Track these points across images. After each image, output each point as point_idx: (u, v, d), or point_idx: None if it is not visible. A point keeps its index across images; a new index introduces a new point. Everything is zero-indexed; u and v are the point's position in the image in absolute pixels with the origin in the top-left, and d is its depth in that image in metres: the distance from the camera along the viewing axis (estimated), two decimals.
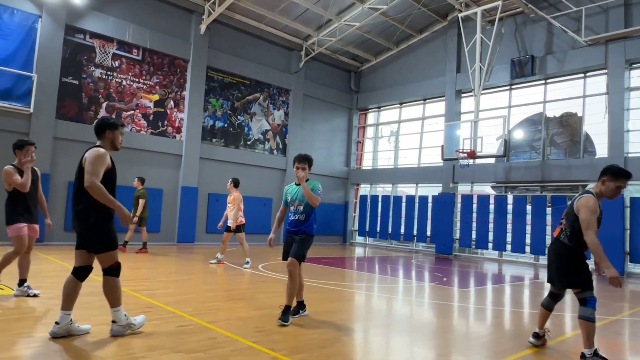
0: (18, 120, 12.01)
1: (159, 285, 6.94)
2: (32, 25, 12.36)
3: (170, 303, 5.66)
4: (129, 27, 14.06)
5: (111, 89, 13.83)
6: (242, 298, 6.38)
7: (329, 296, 7.05)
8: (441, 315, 6.21)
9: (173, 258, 11.11)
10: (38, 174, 5.90)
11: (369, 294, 7.90)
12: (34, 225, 5.72)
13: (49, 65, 12.52)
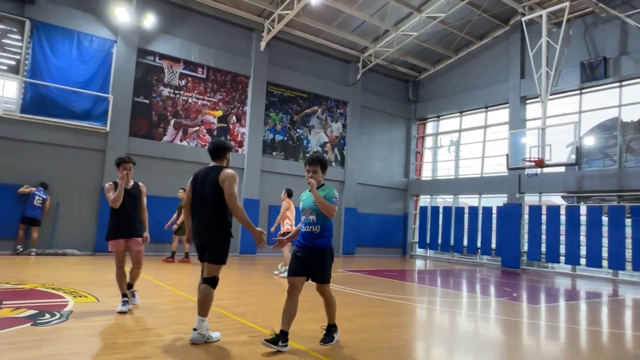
0: (96, 138, 12.92)
1: (227, 296, 7.14)
2: (108, 50, 13.31)
3: (240, 314, 5.80)
4: (195, 48, 14.78)
5: (178, 107, 14.56)
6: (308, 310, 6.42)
7: (393, 310, 6.94)
8: (510, 332, 5.93)
9: (236, 269, 11.41)
10: (141, 189, 5.94)
11: (432, 307, 7.69)
12: (133, 239, 5.64)
13: (123, 87, 13.40)
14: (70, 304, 5.74)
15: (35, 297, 6.05)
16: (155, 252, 12.76)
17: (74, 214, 12.45)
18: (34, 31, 12.23)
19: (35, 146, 12.03)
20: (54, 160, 12.30)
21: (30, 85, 12.11)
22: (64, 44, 12.63)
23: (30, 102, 12.06)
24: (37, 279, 7.57)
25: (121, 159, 5.78)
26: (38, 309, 5.34)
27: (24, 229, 11.48)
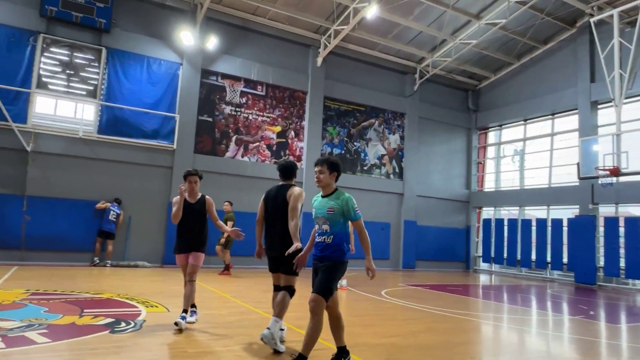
0: (165, 156, 13.64)
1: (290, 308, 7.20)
2: (175, 72, 14.09)
3: (302, 326, 5.84)
4: (254, 66, 15.30)
5: (239, 124, 15.07)
6: (369, 324, 6.36)
7: (459, 326, 6.70)
8: (587, 353, 5.52)
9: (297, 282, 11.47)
10: (207, 202, 5.73)
11: (499, 324, 7.34)
12: (192, 253, 5.52)
13: (189, 106, 14.09)
14: (143, 314, 6.04)
15: (112, 306, 6.42)
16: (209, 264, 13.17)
17: (144, 228, 13.16)
18: (109, 58, 13.20)
19: (110, 164, 12.89)
20: (126, 177, 13.10)
21: (106, 107, 13.04)
22: (135, 68, 13.52)
23: (106, 123, 12.99)
24: (113, 289, 8.04)
25: (187, 172, 5.71)
26: (115, 317, 5.67)
27: (100, 242, 12.27)
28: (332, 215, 4.03)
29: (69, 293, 7.35)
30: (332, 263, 3.97)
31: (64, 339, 4.61)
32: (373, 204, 17.25)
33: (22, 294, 7.04)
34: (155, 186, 13.50)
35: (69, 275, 9.83)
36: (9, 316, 5.37)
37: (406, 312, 7.50)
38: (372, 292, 9.79)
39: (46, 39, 12.50)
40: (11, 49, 12.04)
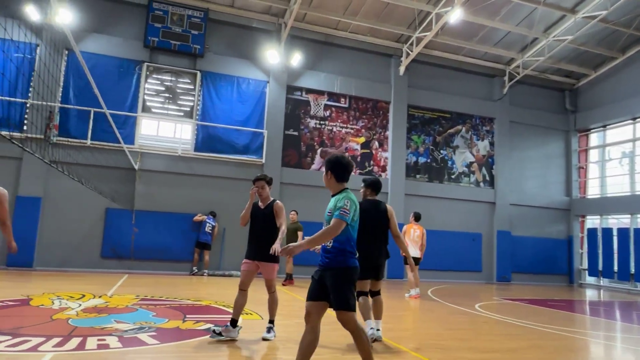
0: (254, 170, 14.23)
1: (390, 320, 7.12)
2: (262, 90, 14.76)
3: (394, 338, 5.74)
4: (337, 80, 15.54)
5: (324, 136, 15.35)
6: (464, 338, 6.08)
7: (565, 344, 6.16)
8: None
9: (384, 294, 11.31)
10: (275, 208, 5.55)
11: (611, 344, 6.63)
12: (263, 264, 5.39)
13: (276, 122, 14.66)
14: (239, 321, 6.31)
15: (211, 313, 6.80)
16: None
17: (237, 239, 13.78)
18: (203, 80, 14.18)
19: (205, 179, 13.74)
20: (220, 191, 13.87)
21: (201, 126, 13.98)
22: (227, 88, 14.38)
23: (201, 141, 13.92)
24: (211, 297, 8.51)
25: (256, 177, 5.60)
26: (214, 323, 5.98)
27: (198, 252, 13.09)
28: (329, 217, 3.60)
29: (172, 299, 7.90)
30: (335, 271, 3.55)
31: (170, 341, 4.96)
32: (462, 214, 16.58)
33: (133, 299, 7.70)
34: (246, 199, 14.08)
35: (171, 283, 10.59)
36: (124, 319, 5.90)
37: (504, 327, 7.07)
38: (464, 305, 9.36)
39: (149, 66, 13.76)
40: (121, 78, 13.40)
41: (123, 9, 13.72)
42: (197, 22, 14.00)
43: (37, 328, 5.20)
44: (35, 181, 12.26)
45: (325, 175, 3.73)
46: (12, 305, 6.61)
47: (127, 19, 13.71)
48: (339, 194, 3.65)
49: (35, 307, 6.58)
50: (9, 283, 9.17)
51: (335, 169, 3.69)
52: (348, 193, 3.62)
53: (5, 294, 7.50)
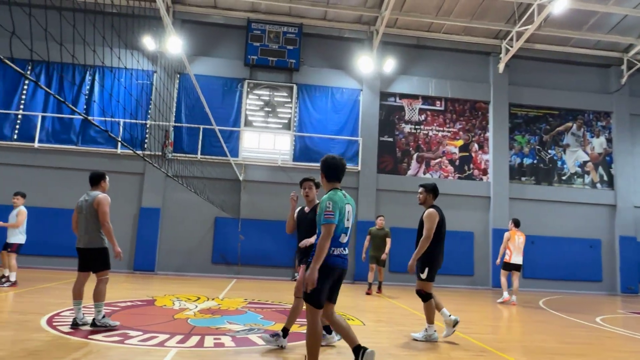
0: (350, 177, 14.43)
1: (486, 330, 6.82)
2: (356, 98, 14.95)
3: (503, 349, 5.45)
4: (431, 83, 15.23)
5: (419, 141, 15.09)
6: (585, 354, 5.57)
7: None
8: None
9: (490, 302, 10.78)
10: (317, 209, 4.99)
11: None
12: (302, 267, 5.13)
13: (370, 129, 14.74)
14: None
15: None
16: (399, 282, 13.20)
17: None
18: (299, 93, 14.75)
19: None
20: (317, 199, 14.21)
21: (299, 137, 14.52)
22: (321, 99, 14.79)
23: (299, 151, 14.45)
24: None
25: (303, 178, 5.44)
26: None
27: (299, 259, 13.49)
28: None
29: (277, 303, 8.27)
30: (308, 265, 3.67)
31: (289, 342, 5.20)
32: (577, 219, 15.22)
33: (242, 302, 8.20)
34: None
35: (274, 287, 11.07)
36: (235, 320, 6.32)
37: (633, 345, 6.35)
38: (584, 319, 8.56)
39: (249, 83, 14.65)
40: (225, 96, 14.44)
41: (225, 32, 14.79)
42: (292, 38, 14.63)
43: (162, 326, 5.77)
44: (155, 194, 13.62)
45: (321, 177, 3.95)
46: (140, 305, 7.40)
47: (228, 41, 14.75)
48: (327, 194, 3.77)
49: (159, 307, 7.31)
50: (136, 285, 10.26)
51: (325, 169, 3.88)
52: (330, 193, 3.75)
53: (134, 295, 8.41)
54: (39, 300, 7.16)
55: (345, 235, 3.81)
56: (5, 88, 13.71)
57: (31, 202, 13.23)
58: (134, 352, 4.45)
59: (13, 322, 5.61)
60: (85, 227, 5.42)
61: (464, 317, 7.95)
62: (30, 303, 6.92)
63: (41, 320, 5.63)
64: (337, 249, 3.73)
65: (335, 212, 3.64)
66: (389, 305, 8.97)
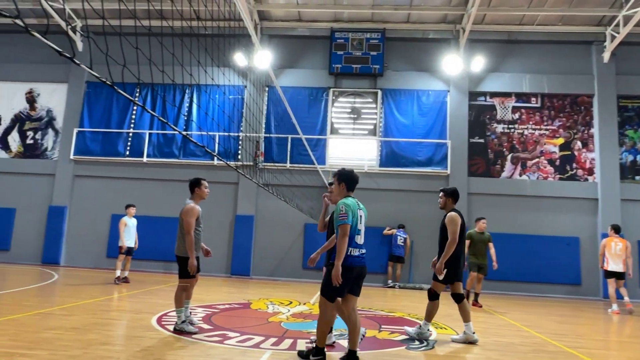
0: (439, 181, 14.00)
1: (597, 345, 6.23)
2: (443, 100, 14.52)
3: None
4: (525, 79, 14.33)
5: (514, 141, 14.25)
6: None
7: None
8: None
9: (601, 314, 9.80)
10: None
11: None
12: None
13: (459, 131, 14.21)
14: (434, 334, 6.26)
15: (404, 325, 6.90)
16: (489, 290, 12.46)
17: (425, 252, 13.69)
18: (384, 98, 14.68)
19: (391, 193, 14.05)
20: (405, 204, 14.00)
21: (384, 143, 14.44)
22: (407, 103, 14.58)
23: (385, 157, 14.36)
24: (404, 309, 8.63)
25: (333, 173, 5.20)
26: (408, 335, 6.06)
27: (392, 265, 13.31)
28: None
29: (367, 310, 8.26)
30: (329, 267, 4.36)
31: (369, 349, 5.21)
32: None
33: None
34: (431, 211, 13.97)
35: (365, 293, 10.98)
36: None
37: None
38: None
39: (334, 91, 14.89)
40: (311, 105, 14.81)
41: (309, 44, 15.20)
42: (375, 43, 14.63)
43: (257, 328, 6.05)
44: (248, 202, 14.32)
45: (337, 185, 4.53)
46: (237, 307, 7.82)
47: (313, 52, 15.13)
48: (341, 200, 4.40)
49: (254, 310, 7.66)
50: (233, 289, 10.85)
51: (347, 180, 4.51)
52: (344, 199, 4.39)
53: (231, 298, 8.91)
54: (149, 301, 7.86)
55: (360, 237, 4.40)
56: (119, 109, 15.31)
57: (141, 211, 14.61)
58: (233, 352, 4.71)
59: (129, 320, 6.22)
60: (178, 235, 5.67)
61: (571, 330, 7.34)
62: (142, 303, 7.63)
63: (152, 319, 6.18)
64: (354, 249, 4.32)
65: (348, 214, 4.23)
66: (485, 315, 8.55)
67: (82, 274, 12.17)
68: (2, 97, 15.85)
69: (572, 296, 13.06)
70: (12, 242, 14.82)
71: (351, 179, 4.53)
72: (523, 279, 13.18)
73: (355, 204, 4.40)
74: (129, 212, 10.68)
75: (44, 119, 15.62)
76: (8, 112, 15.77)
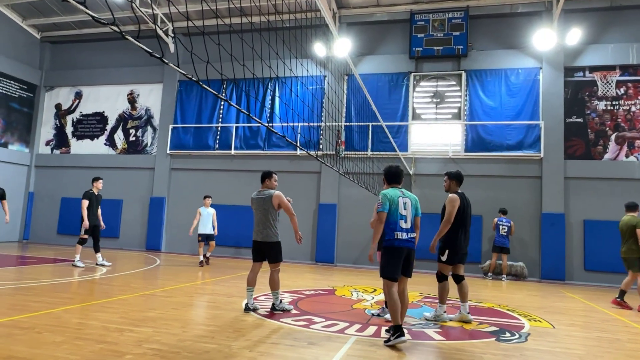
0: (532, 165, 13.15)
1: None
2: (534, 78, 13.52)
3: None
4: (632, 48, 12.88)
5: (619, 119, 12.91)
6: None
7: None
8: None
9: None
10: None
11: None
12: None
13: (553, 110, 13.16)
14: (526, 327, 5.93)
15: (494, 316, 6.61)
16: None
17: (518, 242, 12.95)
18: (468, 80, 14.01)
19: (479, 179, 13.39)
20: (494, 190, 13.29)
21: (470, 127, 13.80)
22: (494, 83, 13.78)
23: (471, 141, 13.73)
24: (494, 300, 8.26)
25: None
26: (499, 326, 5.81)
27: (496, 256, 12.28)
28: None
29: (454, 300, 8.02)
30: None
31: (455, 339, 5.08)
32: None
33: (418, 296, 8.20)
34: (523, 197, 13.16)
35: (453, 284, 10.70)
36: (411, 314, 6.35)
37: None
38: None
39: (415, 76, 14.49)
40: (392, 92, 14.55)
41: (389, 28, 14.90)
42: (457, 23, 13.98)
43: (342, 314, 6.14)
44: (331, 190, 14.49)
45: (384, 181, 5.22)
46: (322, 294, 7.99)
47: (393, 36, 14.83)
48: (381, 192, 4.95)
49: (339, 296, 7.78)
50: (318, 275, 11.09)
51: (386, 175, 5.19)
52: (384, 190, 4.95)
53: (317, 285, 9.12)
54: (240, 286, 8.30)
55: (405, 222, 4.83)
56: (208, 105, 16.21)
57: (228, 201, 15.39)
58: (318, 337, 4.84)
59: (222, 303, 6.63)
60: (263, 223, 5.97)
61: None
62: (234, 288, 8.08)
63: (243, 302, 6.53)
64: (399, 233, 4.80)
65: (385, 203, 4.80)
66: (586, 308, 7.93)
67: (180, 259, 13.17)
68: (108, 100, 17.51)
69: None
70: (121, 230, 16.41)
71: (389, 173, 5.16)
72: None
73: (397, 193, 4.90)
74: (205, 202, 11.61)
75: (143, 117, 17.01)
76: (113, 113, 17.40)
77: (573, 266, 12.59)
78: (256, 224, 6.04)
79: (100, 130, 17.49)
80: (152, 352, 3.94)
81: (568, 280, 12.45)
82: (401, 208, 4.85)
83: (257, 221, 6.04)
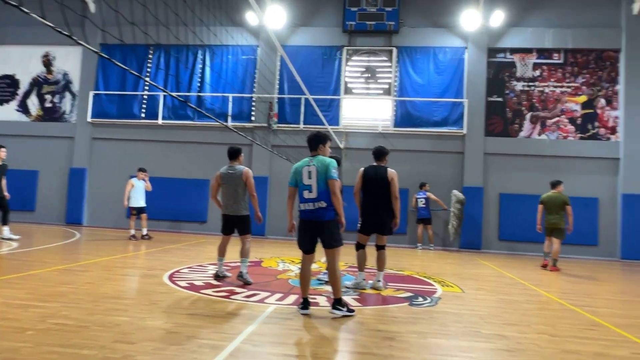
0: (455, 141, 13.80)
1: (604, 304, 6.21)
2: (460, 57, 14.07)
3: (621, 325, 4.94)
4: (548, 33, 13.72)
5: (534, 99, 13.80)
6: None
7: None
8: None
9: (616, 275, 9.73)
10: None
11: None
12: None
13: (476, 89, 13.82)
14: (439, 292, 6.33)
15: (411, 283, 6.98)
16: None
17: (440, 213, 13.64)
18: (399, 56, 14.29)
19: (406, 154, 13.85)
20: (421, 165, 13.84)
21: (399, 102, 14.17)
22: (423, 61, 14.18)
23: (400, 117, 14.12)
24: (413, 268, 8.71)
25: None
26: (413, 292, 6.15)
27: (420, 228, 13.06)
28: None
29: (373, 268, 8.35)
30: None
31: (371, 305, 5.31)
32: None
33: (342, 266, 8.43)
34: (446, 172, 13.83)
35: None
36: None
37: None
38: None
39: (348, 50, 14.54)
40: (325, 65, 14.53)
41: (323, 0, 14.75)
42: None
43: (265, 285, 6.21)
44: (262, 163, 14.38)
45: (323, 146, 4.94)
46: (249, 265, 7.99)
47: (326, 9, 14.71)
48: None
49: (265, 267, 7.84)
50: None
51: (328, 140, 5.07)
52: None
53: None
54: (164, 259, 8.11)
55: (309, 192, 4.66)
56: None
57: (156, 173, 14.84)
58: (236, 306, 4.87)
59: (141, 276, 6.45)
60: (234, 197, 6.18)
61: (580, 290, 7.31)
62: (156, 261, 7.88)
63: (164, 276, 6.39)
64: (303, 204, 4.74)
65: (290, 177, 4.87)
66: (495, 274, 8.57)
67: (102, 233, 12.59)
68: (19, 61, 16.02)
69: (589, 257, 12.94)
70: (37, 203, 15.34)
71: (307, 141, 4.99)
72: (540, 239, 12.98)
73: (305, 162, 4.78)
74: (138, 176, 11.13)
75: (60, 82, 15.79)
76: (26, 75, 15.98)
77: (489, 236, 13.52)
78: (227, 198, 6.27)
79: (10, 94, 16.03)
80: (57, 327, 3.77)
81: (484, 249, 13.36)
82: (305, 178, 4.69)
83: (228, 196, 6.26)
